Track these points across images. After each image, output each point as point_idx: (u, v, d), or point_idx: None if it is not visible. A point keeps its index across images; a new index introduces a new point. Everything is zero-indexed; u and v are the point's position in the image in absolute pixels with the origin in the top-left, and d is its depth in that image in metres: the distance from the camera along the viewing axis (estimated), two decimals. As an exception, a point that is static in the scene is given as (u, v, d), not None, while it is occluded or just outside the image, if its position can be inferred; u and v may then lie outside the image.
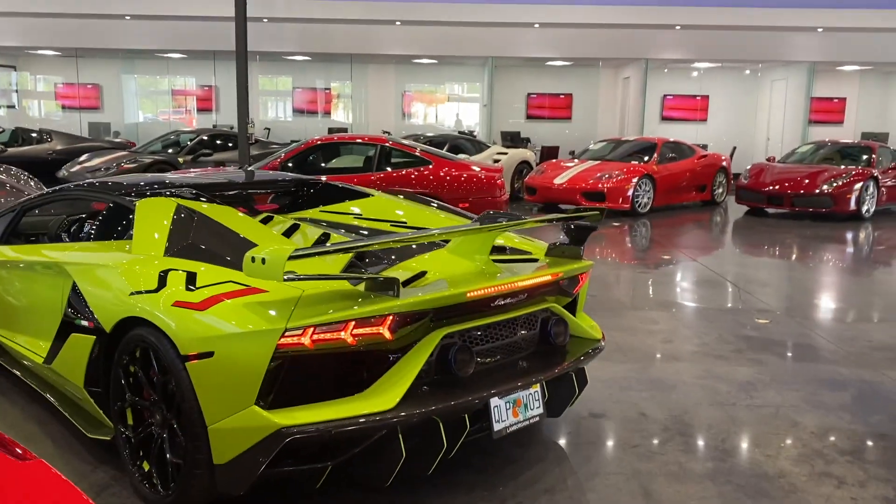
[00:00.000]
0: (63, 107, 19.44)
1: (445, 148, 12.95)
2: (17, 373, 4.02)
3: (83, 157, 12.74)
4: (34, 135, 14.64)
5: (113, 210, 3.81)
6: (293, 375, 2.63)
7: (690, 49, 17.99)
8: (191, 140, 13.89)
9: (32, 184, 8.34)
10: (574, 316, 3.44)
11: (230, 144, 13.99)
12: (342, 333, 2.59)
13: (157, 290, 2.85)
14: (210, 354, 2.62)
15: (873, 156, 12.79)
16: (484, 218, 3.18)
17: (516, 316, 3.11)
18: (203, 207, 3.38)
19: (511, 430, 2.99)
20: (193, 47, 17.65)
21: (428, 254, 3.17)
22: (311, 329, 2.55)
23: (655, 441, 3.65)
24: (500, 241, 3.45)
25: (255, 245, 3.00)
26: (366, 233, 3.65)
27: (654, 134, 17.80)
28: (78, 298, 3.29)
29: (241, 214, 3.39)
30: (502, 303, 3.01)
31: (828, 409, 4.07)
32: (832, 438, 3.69)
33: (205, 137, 13.93)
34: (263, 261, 2.50)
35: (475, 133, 18.25)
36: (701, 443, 3.65)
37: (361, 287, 2.70)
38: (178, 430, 2.77)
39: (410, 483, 3.03)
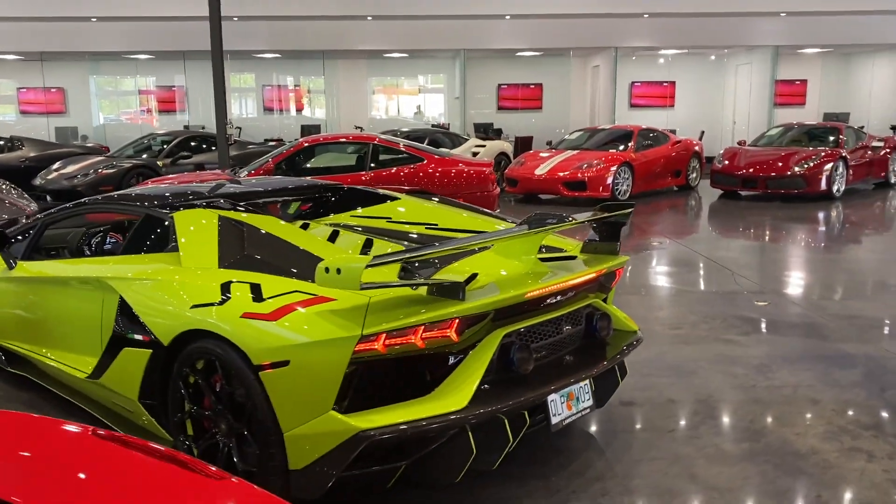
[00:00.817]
0: (24, 112, 19.01)
1: (425, 143, 13.01)
2: (50, 387, 4.03)
3: (57, 165, 12.51)
4: (1, 142, 14.32)
5: (146, 223, 3.82)
6: (366, 380, 2.71)
7: (657, 36, 18.27)
8: (166, 143, 13.73)
9: (15, 194, 8.20)
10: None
11: (205, 146, 13.87)
12: (412, 338, 2.68)
13: (221, 303, 2.89)
14: (286, 363, 2.68)
15: (840, 136, 13.19)
16: (532, 220, 3.29)
17: (565, 313, 3.23)
18: (245, 217, 3.43)
19: (566, 423, 3.12)
20: (162, 48, 17.41)
21: (474, 255, 3.26)
22: (384, 335, 2.64)
23: (688, 425, 3.81)
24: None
25: (309, 253, 3.07)
26: (415, 236, 3.73)
27: (624, 121, 18.09)
28: (127, 313, 3.31)
29: (284, 223, 3.45)
30: (553, 301, 3.12)
31: (842, 386, 4.27)
32: (852, 414, 3.89)
33: (181, 139, 13.77)
34: (339, 271, 2.57)
35: (447, 125, 18.32)
36: (731, 425, 3.82)
37: (423, 291, 2.79)
38: (251, 439, 2.83)
39: (467, 479, 3.13)
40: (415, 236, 3.78)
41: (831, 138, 13.29)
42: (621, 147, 13.03)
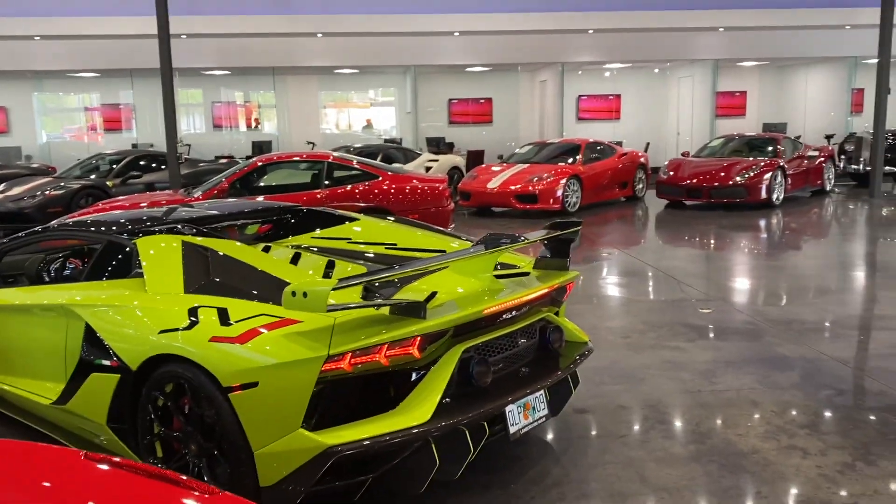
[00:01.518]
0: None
1: (378, 158, 13.14)
2: (12, 415, 4.03)
3: (2, 186, 12.26)
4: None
5: (107, 249, 3.87)
6: (333, 397, 2.84)
7: (602, 51, 18.77)
8: (115, 162, 13.57)
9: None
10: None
11: (154, 165, 13.75)
12: (377, 356, 2.82)
13: (189, 327, 2.98)
14: (255, 384, 2.79)
15: (778, 147, 13.77)
16: (488, 241, 3.45)
17: (520, 327, 3.40)
18: (207, 242, 3.51)
19: (523, 431, 3.29)
20: (108, 66, 17.19)
21: (433, 275, 3.41)
22: (350, 354, 2.77)
23: (639, 430, 4.01)
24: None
25: (273, 277, 3.18)
26: (374, 257, 3.85)
27: (572, 133, 18.52)
28: (94, 339, 3.37)
29: (246, 247, 3.55)
30: (509, 316, 3.29)
31: (781, 388, 4.54)
32: (791, 414, 4.15)
33: (130, 159, 13.62)
34: (305, 294, 2.69)
35: (400, 140, 18.49)
36: (679, 428, 4.03)
37: (385, 311, 2.92)
38: (221, 458, 2.92)
39: (431, 489, 3.26)
40: (374, 257, 3.90)
41: (770, 148, 13.86)
42: (570, 160, 13.36)
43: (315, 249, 4.04)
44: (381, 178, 8.73)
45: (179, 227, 3.75)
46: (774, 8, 17.15)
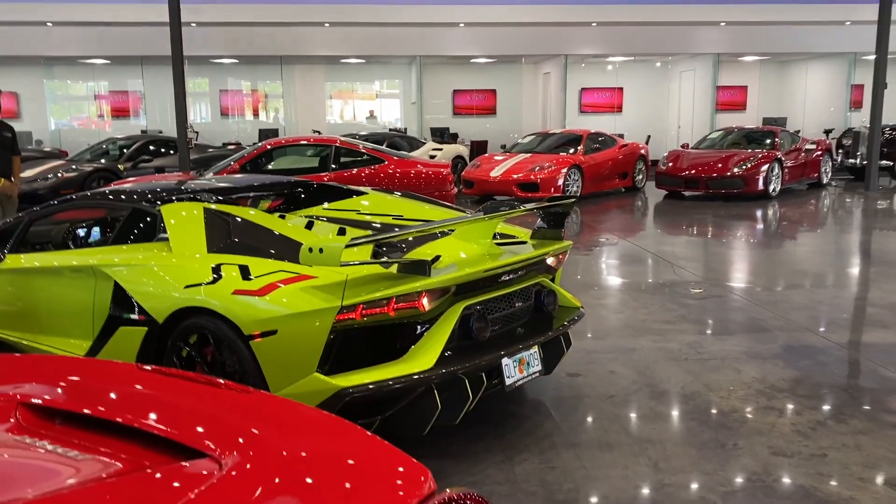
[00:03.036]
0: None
1: (384, 146, 13.41)
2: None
3: (15, 168, 12.54)
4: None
5: (134, 216, 4.16)
6: (345, 346, 3.12)
7: (605, 44, 19.00)
8: (125, 147, 13.86)
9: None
10: None
11: (164, 150, 14.04)
12: (386, 308, 3.10)
13: (213, 282, 3.27)
14: (274, 332, 3.08)
15: (776, 139, 14.00)
16: (488, 208, 3.73)
17: (517, 289, 3.68)
18: (227, 208, 3.79)
19: (518, 384, 3.58)
20: (119, 53, 17.46)
21: (437, 241, 3.69)
22: (361, 306, 3.05)
23: (627, 392, 4.29)
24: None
25: (290, 239, 3.46)
26: (378, 225, 4.13)
27: (574, 125, 18.75)
28: (122, 296, 3.65)
29: (264, 213, 3.83)
30: (507, 278, 3.58)
31: (763, 358, 4.82)
32: (770, 380, 4.42)
33: (141, 143, 13.91)
34: (321, 250, 2.97)
35: (404, 130, 18.75)
36: (664, 390, 4.31)
37: (393, 269, 3.20)
38: (242, 402, 3.21)
39: (434, 434, 3.54)
40: (382, 226, 4.17)
41: (768, 141, 14.10)
42: (571, 150, 13.62)
43: (326, 219, 4.31)
44: (386, 163, 9.01)
45: (198, 195, 4.03)
46: (775, 3, 17.37)
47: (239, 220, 3.68)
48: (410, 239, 3.62)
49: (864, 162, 14.79)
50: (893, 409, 4.00)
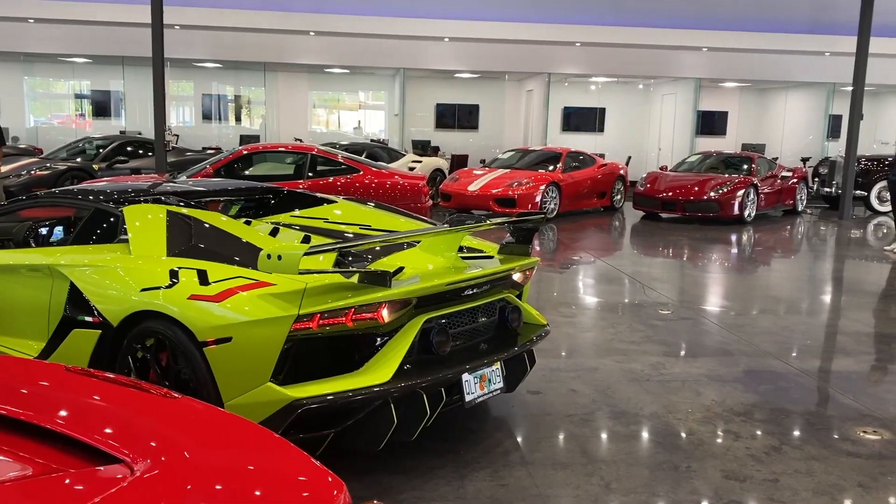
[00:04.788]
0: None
1: (363, 156, 13.39)
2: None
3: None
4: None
5: (95, 216, 4.10)
6: (300, 355, 3.08)
7: (589, 64, 19.16)
8: (102, 147, 13.73)
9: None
10: None
11: (141, 151, 13.93)
12: (344, 319, 3.06)
13: (170, 286, 3.22)
14: (228, 340, 3.03)
15: (753, 165, 14.16)
16: (453, 221, 3.70)
17: (480, 304, 3.65)
18: (190, 212, 3.75)
19: (478, 401, 3.54)
20: (100, 52, 17.34)
21: (402, 252, 3.65)
22: (318, 315, 3.00)
23: (586, 411, 4.28)
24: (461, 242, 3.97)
25: (252, 244, 3.42)
26: (350, 235, 4.08)
27: (556, 143, 18.86)
28: (77, 297, 3.59)
29: (228, 218, 3.79)
30: (471, 292, 3.55)
31: (724, 381, 4.83)
32: (729, 404, 4.43)
33: (118, 144, 13.79)
34: (280, 257, 2.93)
35: (386, 141, 18.76)
36: (623, 411, 4.30)
37: (354, 279, 3.16)
38: (192, 409, 3.15)
39: (389, 450, 3.51)
40: (350, 235, 4.13)
41: (745, 166, 14.25)
42: (550, 167, 13.68)
43: (296, 227, 4.26)
44: (362, 172, 8.99)
45: (164, 197, 3.98)
46: (757, 31, 17.61)
47: (202, 224, 3.64)
48: (377, 249, 3.59)
49: (839, 191, 14.98)
50: (849, 436, 4.03)
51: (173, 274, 3.27)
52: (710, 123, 21.22)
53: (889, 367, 5.46)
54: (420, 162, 14.73)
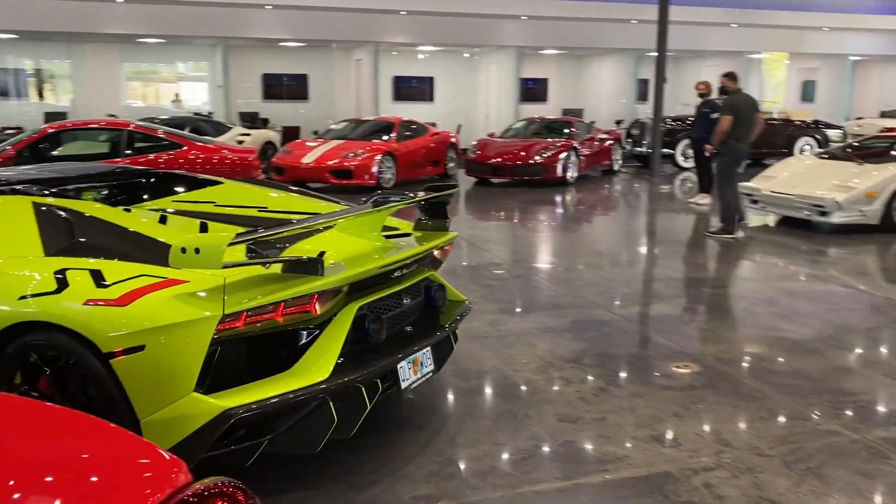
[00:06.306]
0: None
1: (186, 130, 12.75)
2: None
3: None
4: None
5: None
6: (226, 359, 2.78)
7: (416, 33, 19.28)
8: None
9: None
10: None
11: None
12: (274, 314, 2.77)
13: (58, 291, 2.79)
14: (140, 348, 2.67)
15: (573, 129, 14.96)
16: (378, 200, 3.45)
17: (408, 285, 3.47)
18: (63, 203, 3.29)
19: (413, 387, 3.40)
20: None
21: (316, 236, 3.28)
22: (245, 313, 2.70)
23: (430, 372, 4.41)
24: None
25: (148, 237, 3.03)
26: (246, 219, 3.60)
27: (388, 113, 18.91)
28: None
29: (110, 208, 3.36)
30: (400, 274, 3.37)
31: (555, 332, 5.15)
32: (560, 353, 4.74)
33: None
34: (197, 251, 2.60)
35: (211, 114, 17.95)
36: (464, 368, 4.48)
37: (276, 269, 2.87)
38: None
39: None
40: (249, 219, 3.63)
41: (565, 131, 15.02)
42: (384, 137, 13.71)
43: (182, 213, 3.75)
44: (186, 148, 8.58)
45: (23, 188, 3.48)
46: (572, 0, 18.50)
47: (83, 215, 3.18)
48: (288, 235, 3.14)
49: (650, 150, 16.19)
50: (665, 372, 4.44)
51: (60, 276, 2.82)
52: (533, 90, 22.16)
53: (697, 307, 6.06)
54: (249, 135, 14.25)
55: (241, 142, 13.79)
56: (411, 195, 3.57)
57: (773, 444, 3.50)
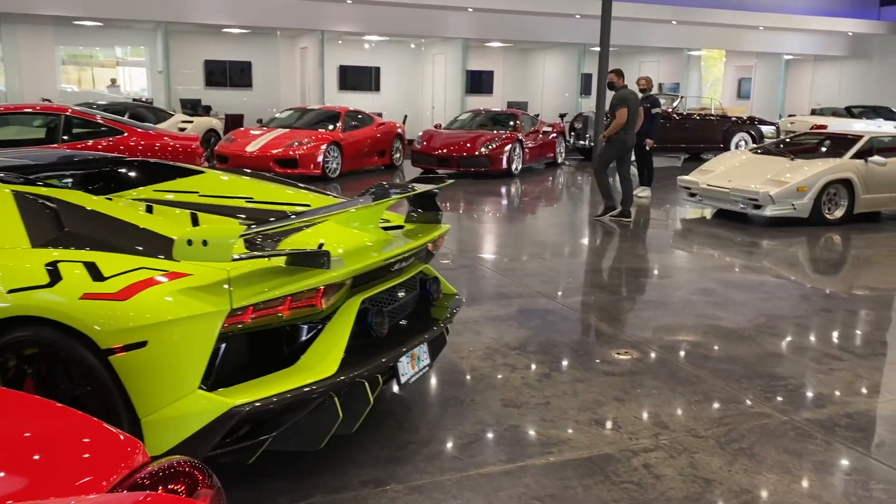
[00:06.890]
0: None
1: (126, 116, 12.43)
2: None
3: None
4: None
5: None
6: (231, 354, 2.73)
7: (361, 22, 19.16)
8: None
9: None
10: None
11: None
12: (280, 309, 2.71)
13: (51, 285, 2.68)
14: (142, 344, 2.58)
15: (518, 122, 15.12)
16: (378, 192, 3.40)
17: (406, 279, 3.44)
18: (47, 191, 3.15)
19: (411, 381, 3.37)
20: None
21: (311, 228, 3.19)
22: (252, 307, 2.64)
23: (377, 360, 4.45)
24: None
25: (143, 229, 2.94)
26: (236, 210, 3.51)
27: (334, 102, 18.77)
28: None
29: (97, 197, 3.24)
30: (400, 267, 3.34)
31: (501, 320, 5.25)
32: (505, 340, 4.83)
33: None
34: (205, 242, 2.51)
35: (151, 100, 17.52)
36: (412, 356, 4.53)
37: (279, 262, 2.80)
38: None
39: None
40: (240, 210, 3.54)
41: (511, 123, 15.17)
42: (330, 127, 13.63)
43: (169, 203, 3.61)
44: (126, 134, 8.38)
45: (4, 176, 3.30)
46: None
47: (71, 205, 3.04)
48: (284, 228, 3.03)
49: (592, 143, 16.47)
50: (606, 358, 4.58)
51: (52, 269, 2.70)
52: (479, 82, 22.28)
53: (636, 297, 6.24)
54: (191, 122, 13.98)
55: (182, 129, 13.53)
56: (411, 187, 3.56)
57: (708, 426, 3.66)
